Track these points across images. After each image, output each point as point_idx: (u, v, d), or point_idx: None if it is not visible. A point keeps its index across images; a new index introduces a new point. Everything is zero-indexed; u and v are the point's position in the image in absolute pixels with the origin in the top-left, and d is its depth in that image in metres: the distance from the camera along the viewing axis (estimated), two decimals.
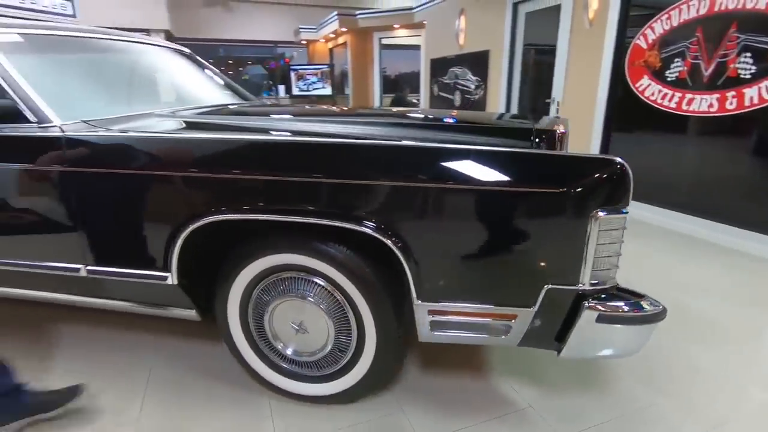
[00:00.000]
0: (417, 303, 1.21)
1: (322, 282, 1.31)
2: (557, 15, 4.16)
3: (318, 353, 1.40)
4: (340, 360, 1.39)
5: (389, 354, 1.35)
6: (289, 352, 1.44)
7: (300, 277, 1.33)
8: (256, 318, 1.43)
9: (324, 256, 1.25)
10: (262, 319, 1.41)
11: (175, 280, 1.34)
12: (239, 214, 1.23)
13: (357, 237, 1.21)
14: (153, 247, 1.33)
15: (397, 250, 1.15)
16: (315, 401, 1.46)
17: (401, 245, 1.15)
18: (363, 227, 1.15)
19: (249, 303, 1.41)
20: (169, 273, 1.33)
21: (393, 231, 1.15)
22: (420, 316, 1.23)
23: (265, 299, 1.38)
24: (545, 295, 1.13)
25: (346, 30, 8.30)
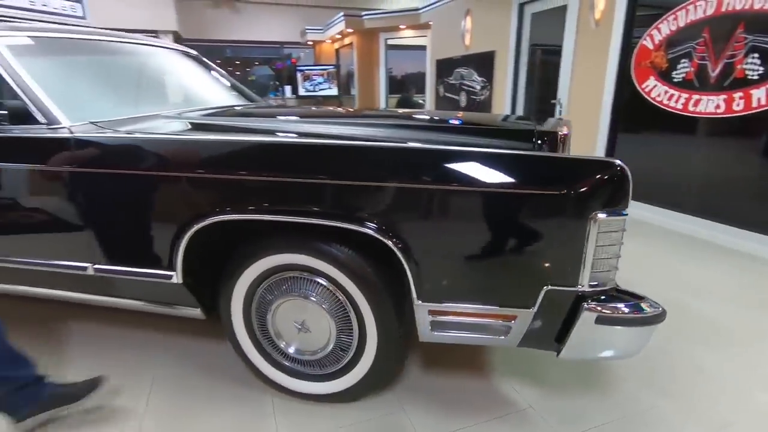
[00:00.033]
0: (417, 303, 1.22)
1: (324, 282, 1.33)
2: (563, 15, 4.14)
3: (320, 352, 1.42)
4: (341, 359, 1.41)
5: (390, 353, 1.36)
6: (292, 350, 1.46)
7: (302, 277, 1.35)
8: (259, 317, 1.45)
9: (326, 256, 1.27)
10: (265, 318, 1.43)
11: (180, 279, 1.36)
12: (244, 214, 1.25)
13: (358, 237, 1.22)
14: (158, 247, 1.36)
15: (398, 250, 1.16)
16: (317, 399, 1.48)
17: (402, 246, 1.16)
18: (365, 228, 1.17)
19: (252, 302, 1.43)
20: (174, 272, 1.36)
21: (394, 232, 1.16)
22: (420, 316, 1.25)
23: (268, 298, 1.40)
24: (545, 297, 1.13)
25: (352, 31, 8.32)
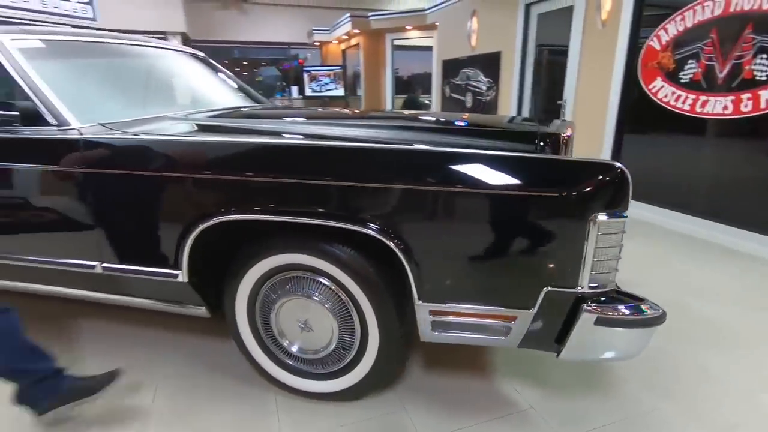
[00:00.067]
0: (418, 303, 1.23)
1: (326, 282, 1.35)
2: (569, 16, 4.13)
3: (322, 351, 1.44)
4: (343, 358, 1.42)
5: (392, 353, 1.37)
6: (295, 349, 1.47)
7: (305, 277, 1.37)
8: (263, 316, 1.47)
9: (329, 256, 1.29)
10: (268, 317, 1.45)
11: (186, 278, 1.39)
12: (249, 214, 1.27)
13: (361, 238, 1.23)
14: (165, 246, 1.38)
15: (399, 251, 1.18)
16: (319, 398, 1.50)
17: (403, 247, 1.17)
18: (367, 229, 1.18)
19: (256, 301, 1.45)
20: (180, 271, 1.38)
21: (395, 233, 1.17)
22: (421, 316, 1.26)
23: (272, 297, 1.42)
24: (544, 298, 1.14)
25: (358, 31, 8.35)
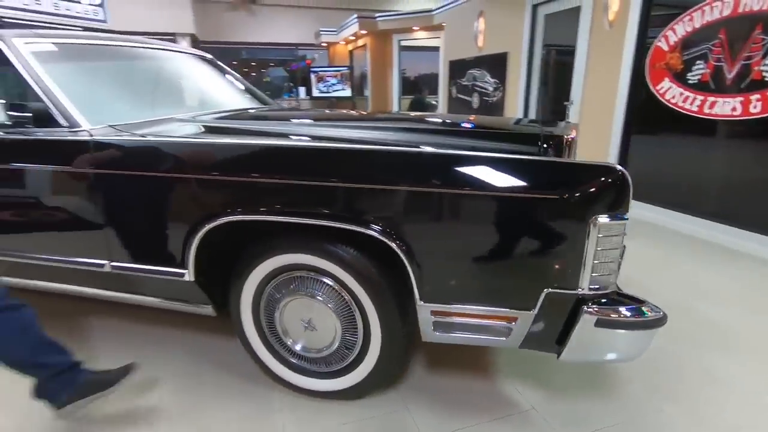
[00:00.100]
0: (420, 304, 1.24)
1: (330, 282, 1.36)
2: (577, 17, 4.11)
3: (325, 350, 1.45)
4: (346, 357, 1.44)
5: (394, 353, 1.39)
6: (298, 348, 1.49)
7: (309, 277, 1.39)
8: (267, 314, 1.49)
9: (332, 256, 1.30)
10: (273, 316, 1.47)
11: (192, 276, 1.41)
12: (255, 215, 1.29)
13: (364, 239, 1.25)
14: (172, 246, 1.41)
15: (401, 252, 1.19)
16: (323, 396, 1.51)
17: (405, 248, 1.19)
18: (369, 230, 1.19)
19: (261, 300, 1.47)
20: (187, 270, 1.41)
21: (397, 234, 1.19)
22: (423, 316, 1.27)
23: (276, 297, 1.44)
24: (545, 299, 1.15)
25: (365, 32, 8.38)
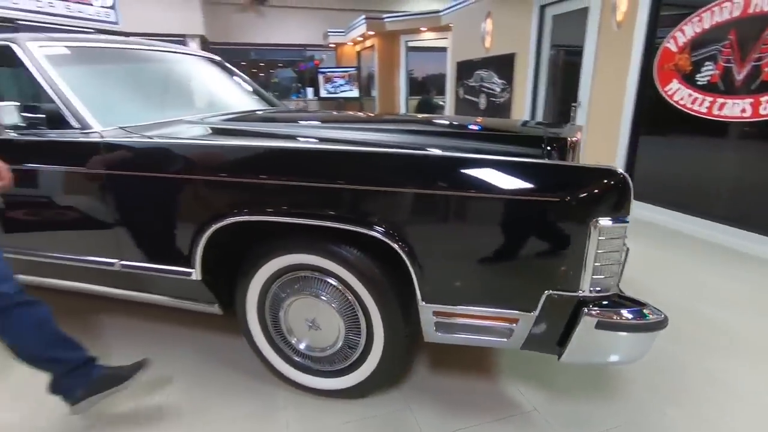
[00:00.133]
0: (422, 304, 1.26)
1: (334, 282, 1.38)
2: (584, 17, 4.09)
3: (329, 349, 1.47)
4: (350, 356, 1.46)
5: (397, 352, 1.40)
6: (302, 347, 1.52)
7: (313, 277, 1.41)
8: (272, 314, 1.51)
9: (336, 257, 1.32)
10: (278, 315, 1.50)
11: (199, 276, 1.44)
12: (261, 215, 1.31)
13: (367, 239, 1.27)
14: (180, 245, 1.44)
15: (404, 253, 1.20)
16: (326, 395, 1.54)
17: (407, 249, 1.20)
18: (373, 231, 1.21)
19: (266, 299, 1.49)
20: (194, 269, 1.44)
21: (400, 235, 1.20)
22: (425, 317, 1.28)
23: (281, 296, 1.46)
24: (546, 301, 1.15)
25: (373, 33, 8.40)
